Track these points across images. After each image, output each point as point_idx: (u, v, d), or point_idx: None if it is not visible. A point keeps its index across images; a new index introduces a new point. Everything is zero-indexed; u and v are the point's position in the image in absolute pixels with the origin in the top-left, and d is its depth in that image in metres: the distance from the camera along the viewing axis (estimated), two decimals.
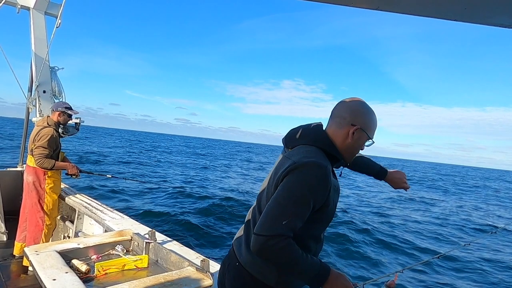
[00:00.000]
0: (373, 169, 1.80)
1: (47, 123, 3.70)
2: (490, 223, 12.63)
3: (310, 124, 1.43)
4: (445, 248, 8.22)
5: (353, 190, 18.56)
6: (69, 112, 3.83)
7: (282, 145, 1.47)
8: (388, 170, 1.84)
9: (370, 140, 1.37)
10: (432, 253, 7.52)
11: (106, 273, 2.18)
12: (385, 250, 7.91)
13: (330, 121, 1.39)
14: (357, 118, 1.33)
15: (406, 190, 1.86)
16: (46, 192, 3.72)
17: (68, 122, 4.00)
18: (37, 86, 4.38)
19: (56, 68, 4.64)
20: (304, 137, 1.36)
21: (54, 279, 1.87)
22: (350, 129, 1.32)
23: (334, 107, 1.40)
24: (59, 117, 3.79)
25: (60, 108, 3.78)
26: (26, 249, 2.26)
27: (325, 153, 1.31)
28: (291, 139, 1.40)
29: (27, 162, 3.82)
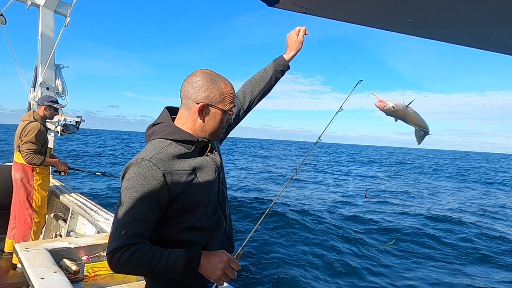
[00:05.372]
0: (270, 71, 1.64)
1: (33, 118, 3.61)
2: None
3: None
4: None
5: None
6: (55, 105, 3.75)
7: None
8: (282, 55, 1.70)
9: (228, 112, 1.24)
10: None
11: (95, 275, 2.15)
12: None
13: (181, 104, 1.27)
14: (199, 94, 1.20)
15: (307, 34, 1.67)
16: (35, 189, 3.65)
17: (68, 120, 3.99)
18: (41, 82, 4.40)
19: (61, 66, 4.66)
20: (151, 133, 1.27)
21: (42, 278, 1.85)
22: (196, 108, 1.21)
23: (181, 87, 1.27)
24: (45, 111, 3.70)
25: (46, 102, 3.70)
26: (16, 246, 2.24)
27: (177, 141, 1.21)
28: (146, 136, 1.30)
29: (14, 158, 3.74)
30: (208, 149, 1.30)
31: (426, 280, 5.50)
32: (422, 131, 1.74)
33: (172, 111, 1.32)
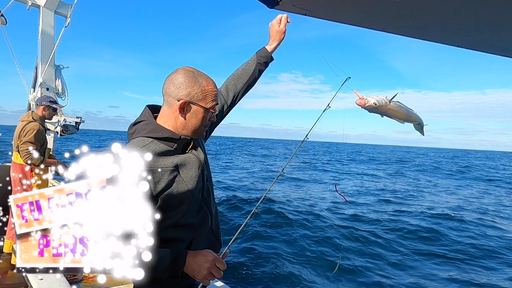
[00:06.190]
0: (253, 64, 1.60)
1: (32, 118, 3.59)
2: None
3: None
4: None
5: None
6: (54, 106, 3.74)
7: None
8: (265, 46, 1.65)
9: (210, 110, 1.23)
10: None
11: (94, 276, 2.15)
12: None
13: (163, 102, 1.26)
14: (180, 91, 1.19)
15: (289, 21, 1.62)
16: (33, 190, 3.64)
17: (68, 121, 3.98)
18: (41, 83, 4.40)
19: (61, 66, 4.66)
20: (133, 131, 1.26)
21: (41, 279, 1.85)
22: (177, 105, 1.19)
23: (163, 85, 1.26)
24: (43, 112, 3.68)
25: (44, 102, 3.68)
26: (15, 246, 2.24)
27: (159, 138, 1.20)
28: (128, 135, 1.29)
29: (12, 158, 3.71)
30: (190, 147, 1.29)
31: (427, 278, 5.52)
32: (416, 124, 1.67)
33: (154, 109, 1.31)
